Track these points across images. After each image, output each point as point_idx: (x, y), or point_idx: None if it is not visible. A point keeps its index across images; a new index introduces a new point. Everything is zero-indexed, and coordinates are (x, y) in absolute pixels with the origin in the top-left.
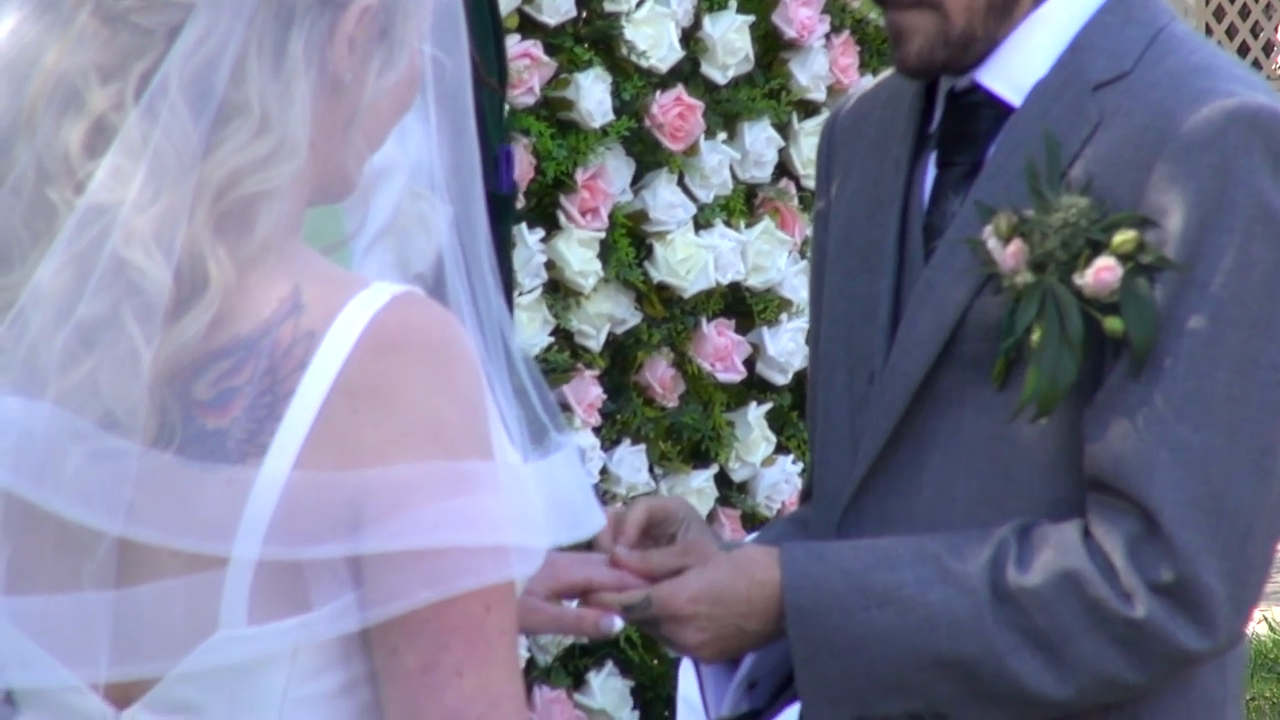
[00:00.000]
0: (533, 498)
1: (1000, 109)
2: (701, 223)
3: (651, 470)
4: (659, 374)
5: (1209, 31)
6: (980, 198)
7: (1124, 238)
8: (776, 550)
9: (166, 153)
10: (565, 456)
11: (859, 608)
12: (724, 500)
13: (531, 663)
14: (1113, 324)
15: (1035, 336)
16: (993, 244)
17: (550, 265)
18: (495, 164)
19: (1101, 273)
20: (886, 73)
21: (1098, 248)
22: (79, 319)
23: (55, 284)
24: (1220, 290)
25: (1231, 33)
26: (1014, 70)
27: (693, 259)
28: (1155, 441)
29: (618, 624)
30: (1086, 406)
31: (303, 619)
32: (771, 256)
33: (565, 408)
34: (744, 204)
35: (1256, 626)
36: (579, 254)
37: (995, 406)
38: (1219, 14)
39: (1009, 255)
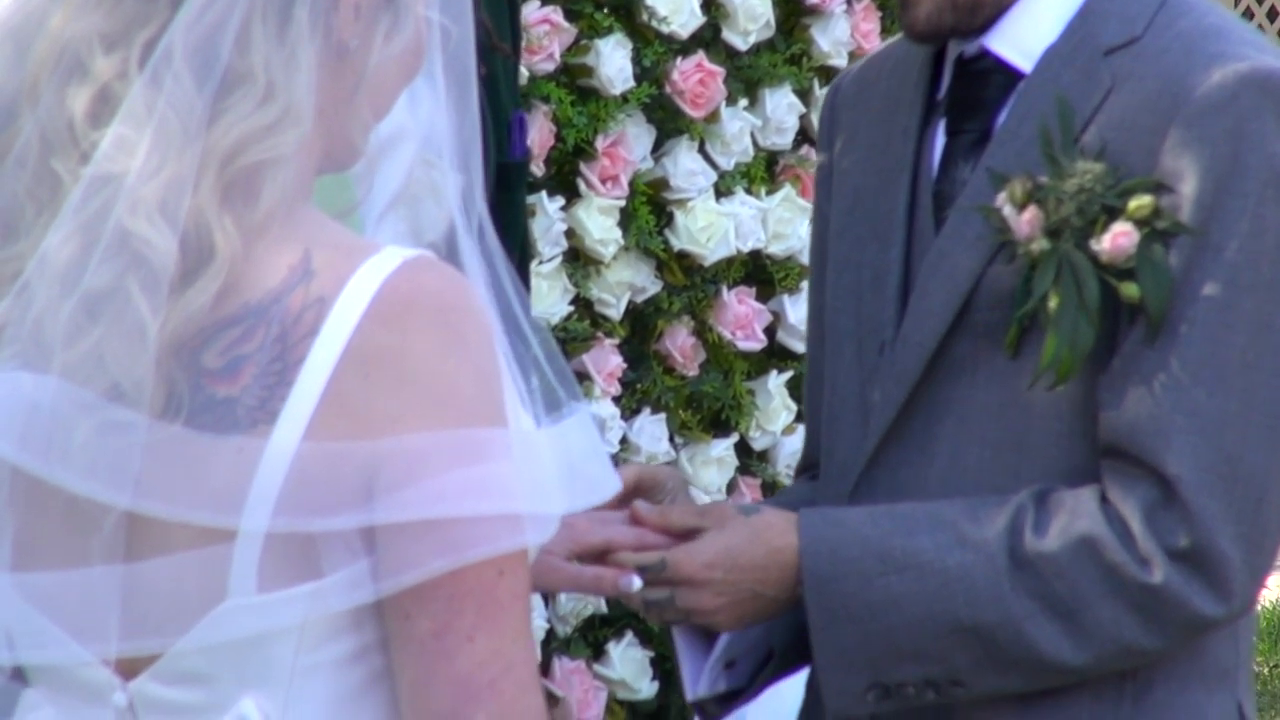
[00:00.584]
0: (546, 464)
1: (1009, 75)
2: (722, 190)
3: (672, 439)
4: (679, 342)
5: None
6: (992, 165)
7: (1140, 203)
8: (794, 515)
9: (171, 121)
10: (579, 421)
11: (876, 574)
12: (744, 469)
13: (551, 633)
14: (1129, 290)
15: (1052, 303)
16: (1007, 211)
17: (570, 233)
18: (508, 131)
19: (1118, 238)
20: (892, 39)
21: (1113, 213)
22: (84, 290)
23: (61, 255)
24: (1235, 255)
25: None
26: (1023, 36)
27: (713, 227)
28: (1171, 407)
29: (636, 583)
30: (1101, 373)
31: (313, 586)
32: (792, 224)
33: (585, 377)
34: (765, 171)
35: None
36: (599, 222)
37: (1008, 375)
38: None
39: (1024, 222)
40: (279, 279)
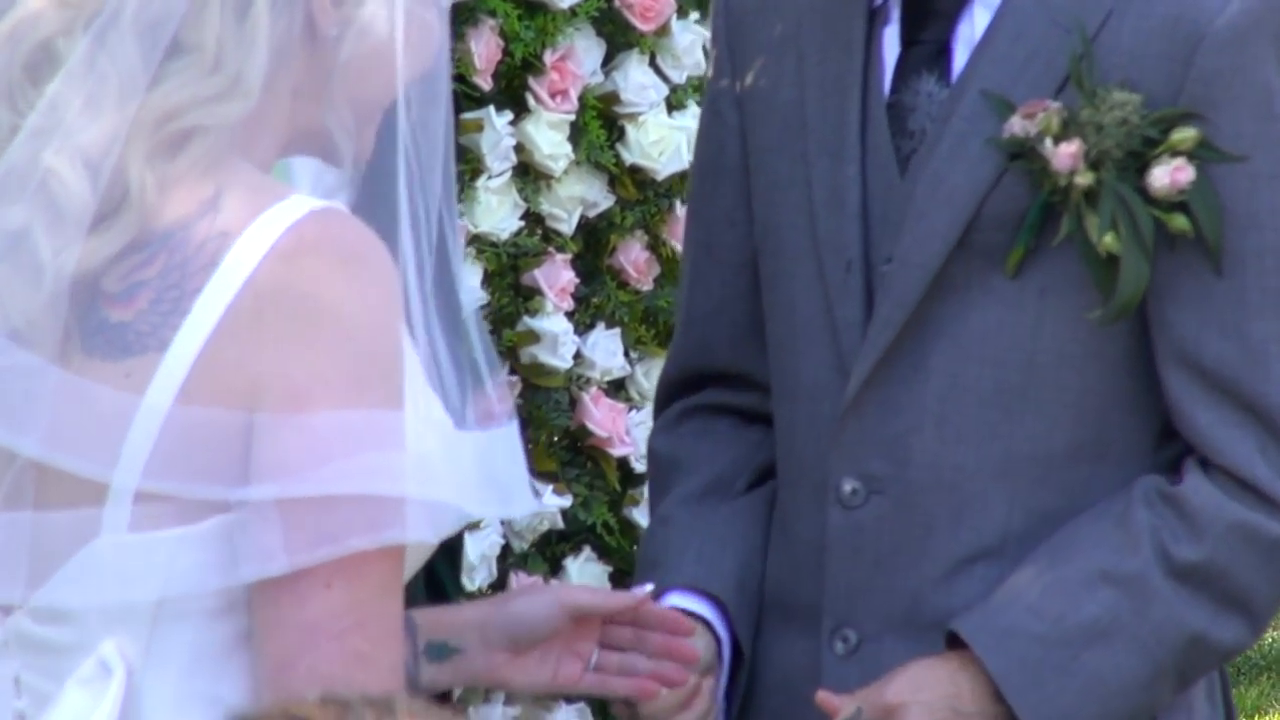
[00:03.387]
0: (463, 463)
1: None
2: (674, 104)
3: (627, 354)
4: (633, 257)
5: None
6: (986, 88)
7: (1184, 135)
8: (951, 654)
9: (110, 79)
10: (506, 435)
11: (1069, 659)
12: None
13: (507, 549)
14: (1179, 222)
15: (1108, 239)
16: (1047, 145)
17: (519, 148)
18: None
19: (1176, 173)
20: None
21: (1151, 144)
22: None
23: None
24: None
25: None
26: None
27: (665, 140)
28: (1262, 338)
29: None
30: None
31: (182, 531)
32: None
33: (537, 292)
34: None
35: None
36: (548, 137)
37: (1006, 294)
38: None
39: (1064, 155)
40: (186, 211)
